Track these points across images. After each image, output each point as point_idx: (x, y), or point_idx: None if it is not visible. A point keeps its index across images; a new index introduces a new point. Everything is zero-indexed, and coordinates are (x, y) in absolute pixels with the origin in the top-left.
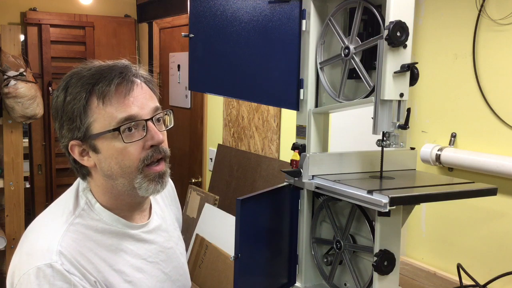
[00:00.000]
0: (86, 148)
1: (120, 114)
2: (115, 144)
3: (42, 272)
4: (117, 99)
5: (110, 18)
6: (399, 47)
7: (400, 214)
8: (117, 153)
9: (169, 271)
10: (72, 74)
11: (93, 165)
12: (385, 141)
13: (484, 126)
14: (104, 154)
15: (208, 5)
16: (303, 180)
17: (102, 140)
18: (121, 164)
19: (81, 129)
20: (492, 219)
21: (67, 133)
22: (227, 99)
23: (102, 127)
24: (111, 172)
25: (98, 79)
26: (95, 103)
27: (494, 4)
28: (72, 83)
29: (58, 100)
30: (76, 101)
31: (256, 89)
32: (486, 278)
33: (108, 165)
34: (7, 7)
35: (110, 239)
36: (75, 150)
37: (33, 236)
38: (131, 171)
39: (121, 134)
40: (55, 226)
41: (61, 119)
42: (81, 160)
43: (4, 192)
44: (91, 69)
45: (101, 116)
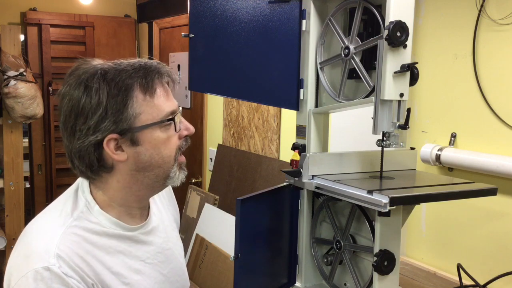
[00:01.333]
0: (123, 141)
1: (168, 107)
2: (159, 135)
3: (40, 275)
4: (162, 93)
5: (110, 18)
6: (399, 47)
7: (400, 214)
8: (160, 143)
9: (168, 272)
10: (106, 70)
11: (125, 159)
12: (385, 141)
13: (484, 126)
14: (146, 145)
15: (208, 5)
16: (303, 180)
17: (147, 132)
18: (163, 153)
19: (127, 122)
20: (492, 219)
21: (109, 126)
22: (227, 99)
23: (149, 119)
24: (150, 163)
25: (145, 73)
26: (142, 96)
27: (494, 4)
28: (112, 77)
29: (101, 92)
30: (124, 93)
31: (256, 89)
32: (486, 278)
33: (149, 156)
34: (7, 7)
35: (108, 241)
36: (111, 145)
37: (31, 238)
38: (169, 160)
39: (175, 124)
40: (53, 228)
41: (104, 111)
42: (114, 155)
43: (4, 192)
44: (127, 63)
45: (149, 109)
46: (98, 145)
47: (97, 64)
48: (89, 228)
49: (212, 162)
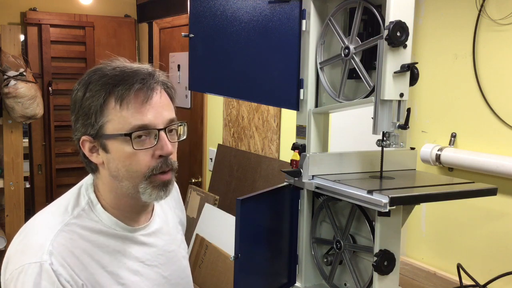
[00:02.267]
0: (96, 145)
1: (135, 121)
2: (124, 148)
3: (31, 270)
4: (134, 105)
5: (110, 18)
6: (399, 47)
7: (400, 214)
8: (125, 157)
9: (169, 274)
10: (95, 70)
11: (101, 162)
12: (385, 141)
13: (484, 126)
14: (113, 155)
15: (208, 5)
16: (303, 180)
17: (113, 142)
18: (128, 168)
19: (95, 126)
20: (492, 219)
21: (81, 128)
22: (227, 99)
23: (115, 129)
24: (117, 174)
25: (120, 81)
26: (113, 105)
27: (494, 4)
28: (93, 80)
29: (78, 94)
30: (94, 99)
31: (256, 89)
32: (486, 278)
33: (115, 166)
34: (7, 7)
35: (107, 240)
36: (85, 146)
37: (29, 232)
38: (137, 175)
39: (132, 140)
40: (51, 225)
41: (77, 113)
42: (90, 156)
43: (4, 192)
44: (115, 69)
45: (116, 118)
46: (79, 143)
47: (108, 64)
48: (88, 227)
49: (212, 162)
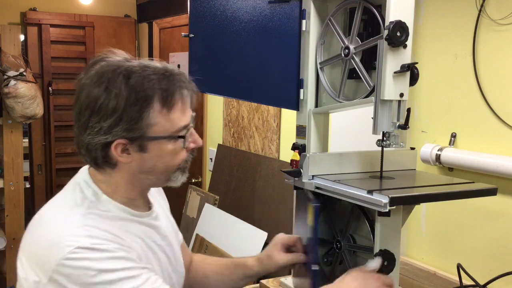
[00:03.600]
0: (131, 146)
1: (180, 122)
2: (167, 146)
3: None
4: (179, 107)
5: (110, 18)
6: (399, 47)
7: (400, 214)
8: (166, 155)
9: (171, 256)
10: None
11: (129, 162)
12: (385, 141)
13: (484, 126)
14: (152, 154)
15: (208, 5)
16: (303, 180)
17: (156, 143)
18: (167, 164)
19: (140, 130)
20: (492, 219)
21: (120, 132)
22: (227, 99)
23: (160, 131)
24: (153, 170)
25: (167, 85)
26: (159, 108)
27: (494, 4)
28: (134, 84)
29: (119, 98)
30: (143, 104)
31: (256, 89)
32: (486, 278)
33: (153, 164)
34: (7, 7)
35: (122, 223)
36: (118, 148)
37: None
38: (173, 169)
39: (184, 140)
40: (70, 217)
41: (119, 117)
42: (119, 157)
43: (4, 192)
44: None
45: (163, 121)
46: (106, 145)
47: (121, 60)
48: (102, 215)
49: (212, 162)
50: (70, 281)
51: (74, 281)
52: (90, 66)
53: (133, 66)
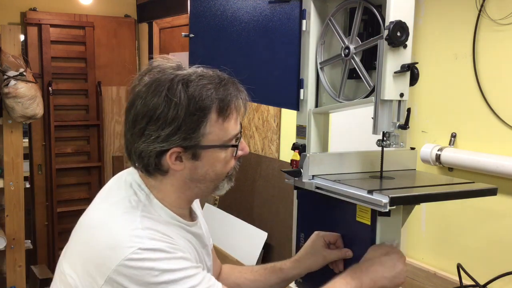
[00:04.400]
0: (184, 154)
1: (233, 131)
2: (219, 154)
3: (140, 255)
4: (234, 117)
5: (110, 18)
6: (399, 47)
7: (400, 214)
8: (218, 162)
9: (209, 264)
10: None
11: (181, 169)
12: (385, 141)
13: (484, 126)
14: (205, 162)
15: (208, 5)
16: (303, 180)
17: (209, 151)
18: (218, 171)
19: (196, 139)
20: (492, 219)
21: (178, 140)
22: None
23: (214, 140)
24: (204, 178)
25: (224, 95)
26: (216, 118)
27: (494, 4)
28: (192, 93)
29: (180, 108)
30: (201, 113)
31: (256, 89)
32: (486, 278)
33: (204, 172)
34: (7, 7)
35: (172, 227)
36: (173, 156)
37: (106, 232)
38: (222, 176)
39: (237, 149)
40: (130, 220)
41: (178, 126)
42: (172, 164)
43: (4, 192)
44: (209, 79)
45: (217, 130)
46: (162, 152)
47: (175, 67)
48: (155, 219)
49: None
50: (132, 281)
51: (135, 281)
52: (144, 73)
53: (190, 75)
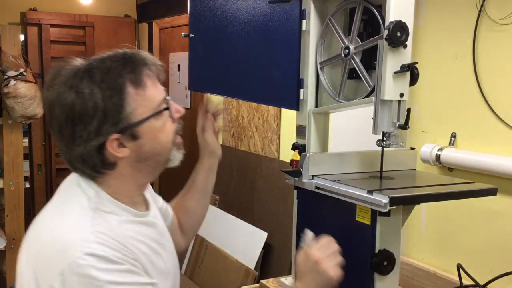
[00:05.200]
0: (124, 138)
1: (158, 96)
2: (155, 124)
3: (86, 261)
4: (151, 83)
5: (110, 18)
6: (399, 47)
7: (400, 214)
8: (159, 132)
9: (170, 252)
10: (92, 70)
11: (128, 154)
12: (385, 141)
13: (484, 126)
14: (146, 137)
15: (208, 5)
16: (303, 180)
17: (145, 124)
18: (162, 141)
19: (126, 119)
20: (492, 219)
21: (110, 128)
22: (227, 99)
23: (145, 111)
24: (152, 153)
25: (132, 68)
26: (134, 91)
27: (494, 4)
28: (101, 78)
29: (96, 97)
30: (119, 93)
31: (257, 89)
32: (486, 278)
33: (150, 147)
34: (7, 7)
35: (125, 225)
36: (113, 144)
37: (55, 235)
38: (168, 145)
39: (170, 112)
40: (79, 222)
41: (103, 115)
42: (117, 153)
43: (4, 192)
44: (111, 59)
45: (142, 102)
46: (101, 147)
47: (79, 64)
48: (107, 218)
49: None
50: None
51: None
52: (50, 81)
53: (91, 63)
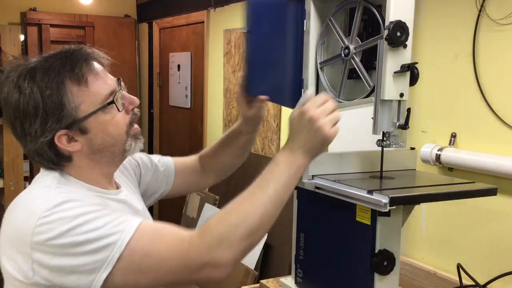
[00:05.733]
0: (72, 134)
1: (103, 90)
2: (104, 118)
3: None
4: (94, 78)
5: (110, 18)
6: (399, 47)
7: (400, 214)
8: (107, 125)
9: None
10: (34, 70)
11: (80, 148)
12: (385, 141)
13: (484, 126)
14: (95, 131)
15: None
16: (303, 180)
17: (91, 119)
18: (113, 133)
19: (70, 115)
20: (492, 219)
21: (54, 125)
22: (227, 99)
23: (90, 107)
24: (104, 145)
25: (72, 65)
26: (76, 88)
27: (494, 4)
28: (41, 78)
29: (35, 96)
30: (58, 91)
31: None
32: (486, 278)
33: (100, 140)
34: (7, 7)
35: (94, 197)
36: (62, 141)
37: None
38: (122, 137)
39: (116, 104)
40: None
41: (44, 113)
42: (68, 148)
43: (4, 192)
44: (48, 59)
45: (86, 97)
46: (51, 143)
47: (27, 64)
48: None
49: None
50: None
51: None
52: (3, 81)
53: (36, 63)
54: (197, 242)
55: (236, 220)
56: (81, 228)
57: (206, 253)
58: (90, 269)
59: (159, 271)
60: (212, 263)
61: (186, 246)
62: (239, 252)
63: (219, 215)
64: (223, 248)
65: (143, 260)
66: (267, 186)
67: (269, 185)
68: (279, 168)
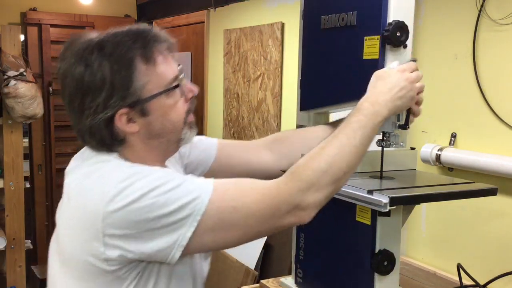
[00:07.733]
0: (133, 113)
1: (170, 73)
2: (166, 102)
3: (127, 181)
4: (162, 60)
5: (110, 18)
6: (399, 47)
7: (400, 214)
8: (169, 110)
9: None
10: (103, 43)
11: (137, 130)
12: (385, 141)
13: (484, 126)
14: (156, 114)
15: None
16: None
17: (155, 101)
18: (173, 119)
19: (135, 94)
20: (492, 219)
21: (118, 102)
22: (227, 99)
23: (155, 88)
24: (162, 131)
25: (143, 43)
26: (144, 67)
27: (494, 4)
28: (111, 52)
29: (104, 70)
30: (127, 67)
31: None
32: (486, 278)
33: (160, 124)
34: (7, 7)
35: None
36: (122, 119)
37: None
38: (180, 124)
39: (182, 89)
40: (117, 166)
41: (111, 88)
42: (126, 128)
43: (4, 192)
44: (123, 34)
45: (153, 78)
46: (109, 120)
47: (93, 37)
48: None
49: None
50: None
51: (134, 202)
52: (63, 53)
53: (104, 37)
54: (286, 187)
55: (324, 166)
56: (161, 189)
57: (296, 195)
58: (172, 229)
59: (247, 222)
60: (301, 206)
61: (274, 192)
62: (325, 196)
63: (306, 160)
64: (312, 192)
65: (232, 215)
66: (353, 136)
67: (355, 136)
68: (366, 119)
